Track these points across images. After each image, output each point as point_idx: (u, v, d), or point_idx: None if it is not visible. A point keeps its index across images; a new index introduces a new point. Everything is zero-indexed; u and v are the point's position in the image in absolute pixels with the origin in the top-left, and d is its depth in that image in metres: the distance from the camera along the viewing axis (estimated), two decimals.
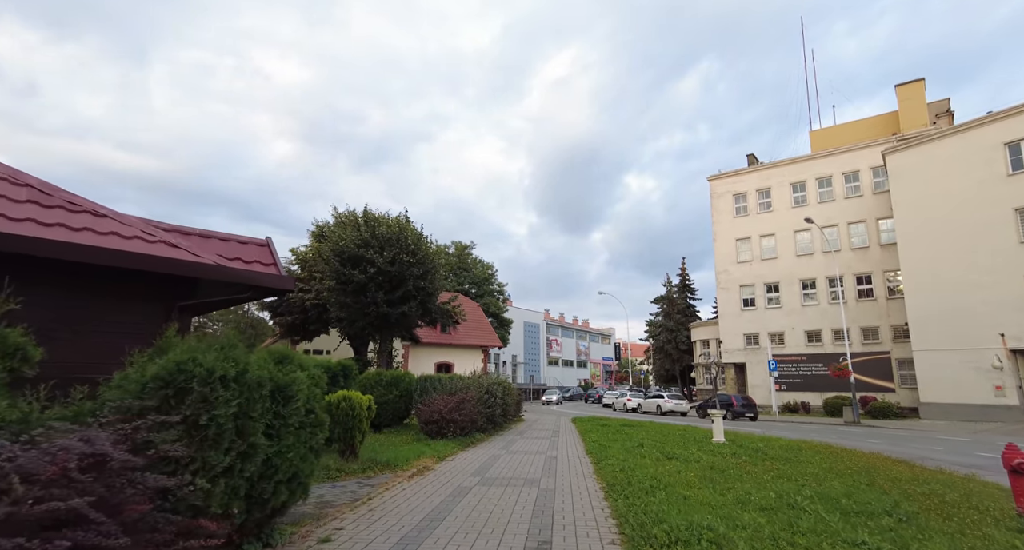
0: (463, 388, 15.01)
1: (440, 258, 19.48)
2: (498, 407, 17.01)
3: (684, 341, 52.92)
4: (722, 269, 44.50)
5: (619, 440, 14.07)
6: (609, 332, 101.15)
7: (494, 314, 56.98)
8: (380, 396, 16.28)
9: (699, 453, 11.45)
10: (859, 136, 40.93)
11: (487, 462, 10.36)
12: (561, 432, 18.55)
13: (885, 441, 18.43)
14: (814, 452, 12.11)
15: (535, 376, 74.87)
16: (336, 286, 17.40)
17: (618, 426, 20.54)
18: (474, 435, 14.62)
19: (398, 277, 17.53)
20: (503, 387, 18.29)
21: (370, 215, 18.13)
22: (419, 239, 18.29)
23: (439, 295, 20.24)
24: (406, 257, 17.44)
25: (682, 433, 17.20)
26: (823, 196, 40.49)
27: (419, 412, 13.00)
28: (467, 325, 43.47)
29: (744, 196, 44.46)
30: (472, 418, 14.09)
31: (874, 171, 38.37)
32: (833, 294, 39.14)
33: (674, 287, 56.62)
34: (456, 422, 12.81)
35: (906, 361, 35.52)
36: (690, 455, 10.94)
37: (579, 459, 10.99)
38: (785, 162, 42.81)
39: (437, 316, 21.37)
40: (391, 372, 16.73)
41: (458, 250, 58.24)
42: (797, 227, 41.14)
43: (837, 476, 8.75)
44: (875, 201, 38.09)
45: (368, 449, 10.59)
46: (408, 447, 11.62)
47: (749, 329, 42.38)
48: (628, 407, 41.53)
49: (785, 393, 38.68)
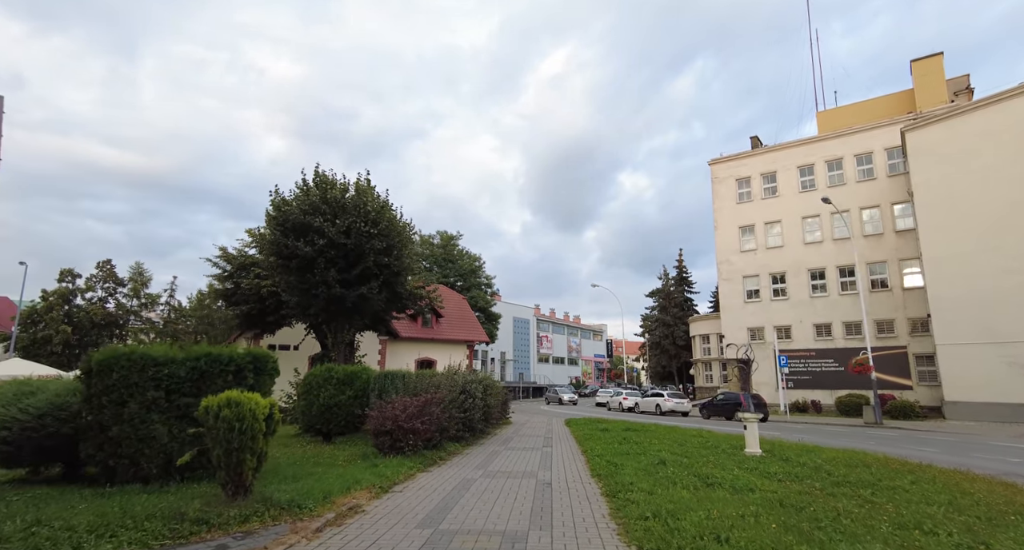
0: (431, 387, 11.86)
1: (410, 233, 16.24)
2: (478, 410, 13.88)
3: (682, 336, 50.08)
4: (724, 258, 41.67)
5: (630, 453, 10.99)
6: (601, 328, 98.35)
7: (482, 309, 53.84)
8: (330, 397, 13.09)
9: (745, 474, 8.39)
10: (871, 116, 38.22)
11: (451, 495, 7.21)
12: (555, 439, 15.44)
13: (937, 448, 15.53)
14: (889, 470, 9.11)
15: (524, 374, 71.80)
16: (277, 262, 14.13)
17: (620, 430, 17.51)
18: (444, 447, 11.48)
19: (355, 251, 14.29)
20: (484, 385, 15.17)
21: (322, 177, 14.85)
22: (382, 207, 15.06)
23: (410, 277, 16.98)
24: (365, 227, 14.20)
25: (701, 441, 14.16)
26: (833, 180, 37.76)
27: (369, 420, 9.82)
28: (451, 319, 40.32)
29: (748, 181, 41.64)
30: (441, 425, 10.94)
31: (889, 152, 35.68)
32: (844, 284, 36.46)
33: (671, 280, 53.80)
34: (418, 432, 9.64)
35: (924, 356, 32.92)
36: (736, 479, 7.88)
37: (583, 486, 7.88)
38: (792, 144, 40.04)
39: (409, 302, 18.13)
40: (345, 368, 13.53)
41: (443, 240, 55.01)
42: (805, 213, 38.41)
43: (961, 513, 5.79)
44: (890, 184, 35.40)
45: (275, 477, 7.45)
46: (342, 470, 8.46)
47: (753, 322, 39.58)
48: (624, 406, 38.60)
49: (792, 391, 35.85)
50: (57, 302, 54.14)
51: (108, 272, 58.79)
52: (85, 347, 51.54)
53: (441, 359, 37.01)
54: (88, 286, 57.08)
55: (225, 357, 7.71)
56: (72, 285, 56.83)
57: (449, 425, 11.45)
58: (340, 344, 16.18)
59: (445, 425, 11.24)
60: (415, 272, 17.69)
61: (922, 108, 35.50)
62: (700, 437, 15.58)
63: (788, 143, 40.29)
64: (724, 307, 41.58)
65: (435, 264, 53.46)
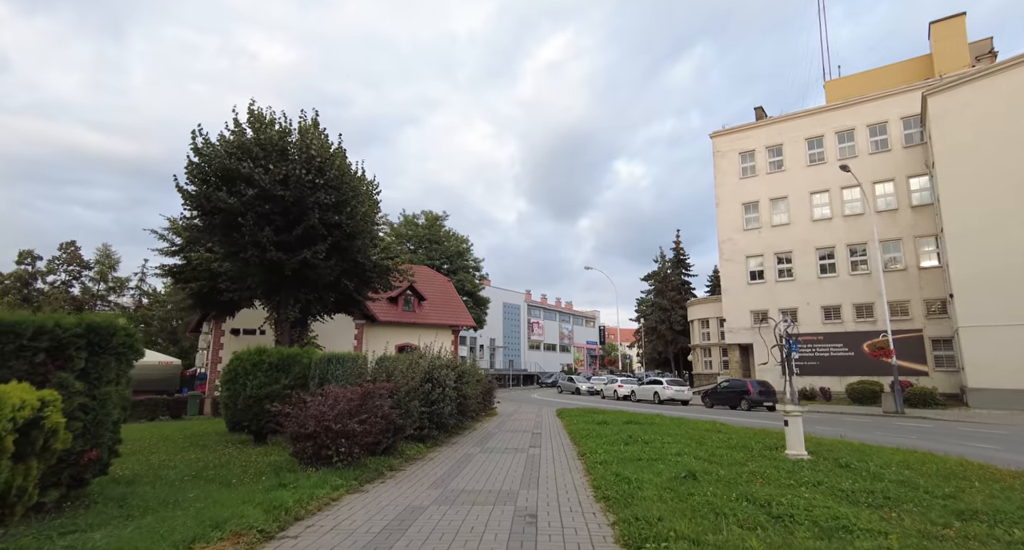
0: (384, 374, 9.17)
1: (370, 189, 13.41)
2: (449, 402, 11.23)
3: (679, 321, 47.70)
4: (726, 237, 39.15)
5: (642, 459, 8.39)
6: (594, 315, 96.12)
7: (469, 293, 51.12)
8: (260, 387, 10.38)
9: (816, 496, 5.81)
10: (885, 85, 35.56)
11: (376, 544, 4.55)
12: (544, 436, 12.84)
13: (996, 445, 13.09)
14: (1003, 486, 6.58)
15: (515, 361, 69.41)
16: (198, 217, 11.27)
17: (621, 423, 14.99)
18: (399, 451, 8.84)
19: (296, 207, 11.50)
20: (459, 373, 12.53)
21: (256, 115, 11.93)
22: (333, 154, 12.20)
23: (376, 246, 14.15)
24: (307, 175, 11.37)
25: (721, 437, 11.62)
26: (844, 152, 35.19)
27: (284, 420, 7.09)
28: (435, 302, 37.61)
29: (752, 154, 39.00)
30: (393, 424, 8.27)
31: (905, 122, 33.13)
32: (855, 264, 34.09)
33: (668, 263, 51.29)
34: (353, 435, 6.95)
35: (941, 340, 30.73)
36: (809, 507, 5.29)
37: (585, 523, 5.24)
38: (800, 114, 37.37)
39: (374, 276, 15.37)
40: (280, 350, 10.81)
41: (428, 221, 52.04)
42: (813, 188, 35.89)
43: None
44: (906, 156, 32.91)
45: (121, 502, 4.83)
46: (232, 493, 5.77)
47: (757, 305, 37.21)
48: (619, 394, 36.24)
49: (798, 378, 33.54)
50: (13, 285, 50.59)
51: (72, 254, 55.32)
52: None
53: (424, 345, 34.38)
54: (50, 269, 53.64)
55: (27, 326, 4.94)
56: (32, 267, 53.27)
57: (406, 423, 8.77)
58: (283, 323, 13.39)
59: (400, 423, 8.56)
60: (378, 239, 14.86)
61: (942, 74, 32.89)
62: (717, 431, 13.06)
63: (795, 113, 37.62)
64: (726, 289, 39.16)
65: (419, 245, 50.58)
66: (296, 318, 13.26)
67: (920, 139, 32.37)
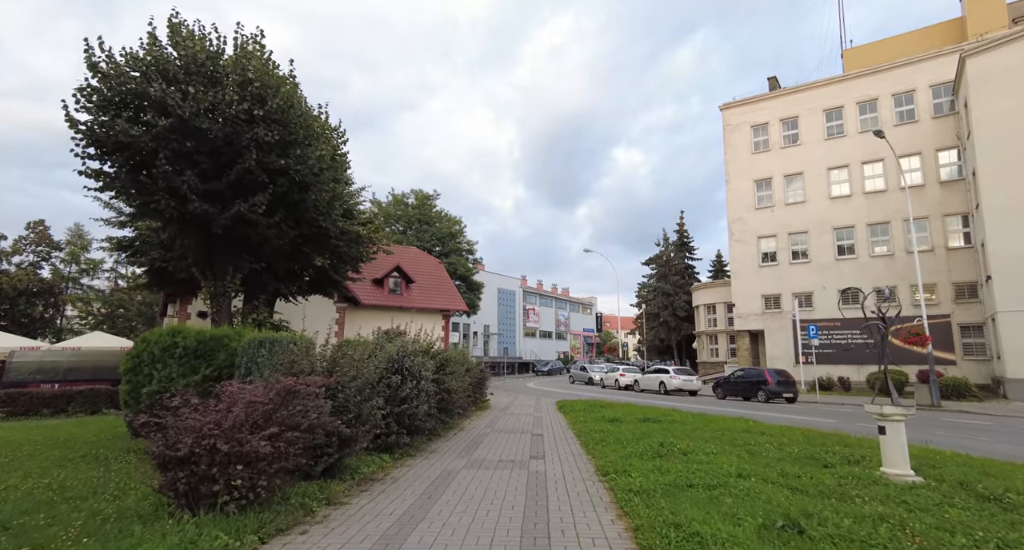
0: (328, 363, 6.54)
1: (328, 132, 10.69)
2: (427, 399, 8.66)
3: (683, 307, 45.31)
4: (736, 217, 36.58)
5: (695, 484, 5.85)
6: (590, 302, 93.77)
7: (462, 277, 48.40)
8: (172, 379, 7.79)
9: None
10: (910, 52, 32.84)
11: None
12: (547, 439, 10.33)
13: None
14: None
15: (510, 348, 67.03)
16: (97, 155, 8.53)
17: (636, 421, 12.53)
18: (346, 474, 6.30)
19: (228, 145, 8.81)
20: (441, 361, 9.97)
21: (174, 27, 9.10)
22: (279, 82, 9.46)
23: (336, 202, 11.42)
24: (243, 104, 8.66)
25: (776, 444, 9.15)
26: (866, 124, 32.53)
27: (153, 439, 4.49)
28: (424, 285, 34.96)
29: (765, 127, 36.30)
30: (337, 436, 5.69)
31: (935, 90, 30.50)
32: (876, 243, 31.66)
33: (671, 245, 48.72)
34: (258, 460, 4.37)
35: (972, 327, 28.46)
36: None
37: None
38: (817, 83, 34.63)
39: (341, 243, 12.68)
40: (202, 331, 8.20)
41: (419, 200, 49.14)
42: (831, 163, 33.32)
43: None
44: (935, 128, 30.33)
45: None
46: None
47: (768, 289, 34.79)
48: (621, 384, 33.86)
49: (812, 366, 31.22)
50: None
51: (41, 234, 52.16)
52: (12, 318, 45.41)
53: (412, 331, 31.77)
54: (16, 249, 50.41)
55: None
56: None
57: (357, 432, 6.18)
58: (220, 298, 10.73)
59: (347, 434, 5.97)
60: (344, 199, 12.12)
61: (975, 36, 30.20)
62: (760, 433, 10.59)
63: (813, 83, 34.87)
64: (735, 272, 36.69)
65: (409, 226, 47.78)
66: (234, 289, 10.58)
67: (951, 109, 29.79)
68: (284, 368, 6.11)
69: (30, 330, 46.07)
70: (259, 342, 7.51)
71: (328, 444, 5.88)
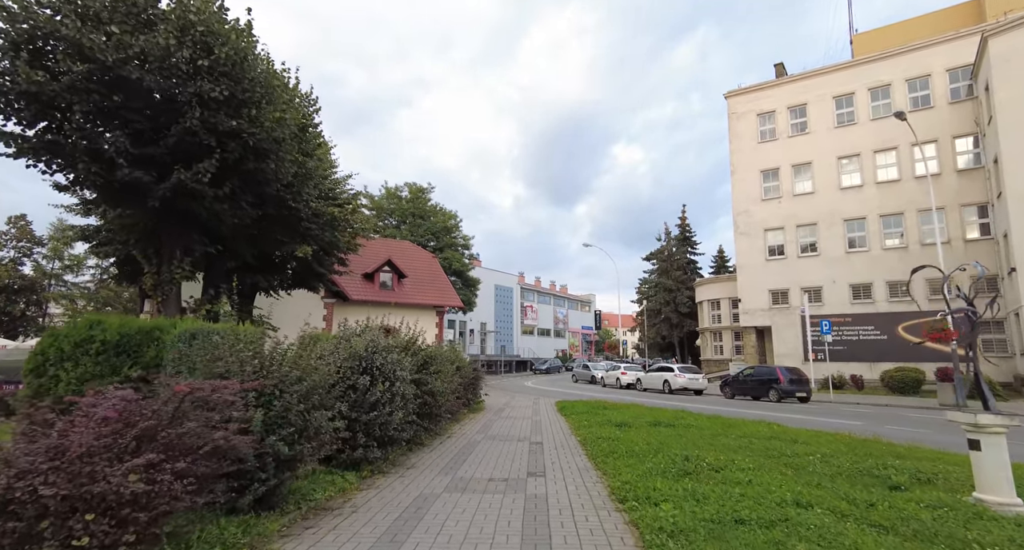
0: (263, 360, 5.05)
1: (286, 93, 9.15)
2: (402, 406, 7.20)
3: (685, 303, 43.92)
4: (742, 209, 35.17)
5: (744, 518, 4.40)
6: (589, 299, 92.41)
7: (458, 272, 46.88)
8: (85, 380, 6.31)
9: None
10: (924, 36, 31.44)
11: None
12: (548, 451, 8.89)
13: None
14: None
15: (507, 346, 65.59)
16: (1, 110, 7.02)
17: (646, 427, 11.11)
18: (291, 501, 4.86)
19: (167, 99, 7.32)
20: (423, 359, 8.53)
21: None
22: (230, 30, 7.96)
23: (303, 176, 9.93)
24: (183, 51, 7.16)
25: (819, 456, 7.75)
26: (878, 111, 31.16)
27: None
28: (417, 279, 33.48)
29: (771, 116, 34.88)
30: (276, 457, 4.24)
31: (952, 74, 29.12)
32: (889, 235, 30.30)
33: (673, 240, 47.30)
34: (121, 507, 2.94)
35: (991, 322, 27.05)
36: None
37: None
38: (827, 69, 33.22)
39: (313, 226, 11.20)
40: (128, 321, 6.75)
41: (412, 193, 47.59)
42: (841, 152, 31.93)
43: None
44: (951, 114, 28.96)
45: None
46: None
47: (776, 284, 33.41)
48: (622, 383, 32.49)
49: (822, 364, 29.83)
50: None
51: (22, 229, 50.49)
52: None
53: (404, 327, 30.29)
54: None
55: None
56: None
57: (300, 452, 4.72)
58: (165, 285, 9.22)
59: (288, 454, 4.52)
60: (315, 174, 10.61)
61: (994, 17, 28.83)
62: (793, 441, 9.18)
63: (822, 68, 33.46)
64: (741, 266, 35.30)
65: (402, 220, 46.28)
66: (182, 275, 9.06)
67: (969, 93, 28.42)
68: (203, 368, 4.65)
69: (11, 328, 44.46)
70: (191, 334, 6.04)
71: (261, 467, 4.43)
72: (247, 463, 4.22)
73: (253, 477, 4.39)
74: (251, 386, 4.32)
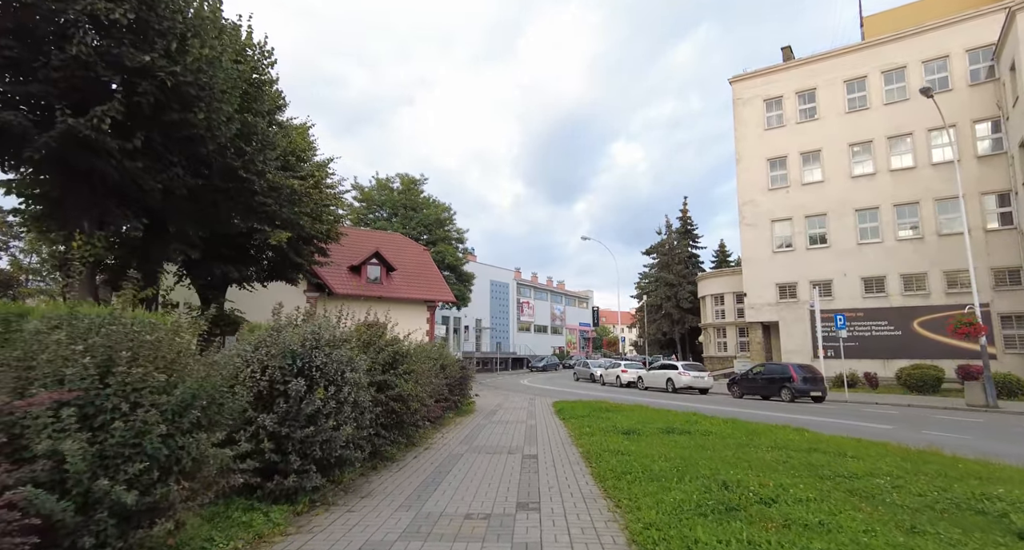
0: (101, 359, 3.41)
1: (215, 19, 7.42)
2: (353, 417, 5.55)
3: (687, 298, 42.38)
4: (747, 199, 33.61)
5: None
6: (587, 295, 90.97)
7: (451, 267, 45.20)
8: None
9: None
10: (940, 15, 29.87)
11: None
12: (545, 470, 7.28)
13: None
14: None
15: (503, 343, 64.02)
16: None
17: (658, 435, 9.56)
18: None
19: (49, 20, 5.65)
20: (388, 356, 6.93)
21: None
22: None
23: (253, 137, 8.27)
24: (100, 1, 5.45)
25: (884, 477, 6.17)
26: (892, 95, 29.63)
27: None
28: (407, 273, 31.82)
29: (779, 101, 33.30)
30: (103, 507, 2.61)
31: (971, 54, 27.58)
32: (903, 226, 28.79)
33: (674, 233, 45.73)
34: None
35: (1014, 316, 25.71)
36: None
37: None
38: (838, 52, 31.63)
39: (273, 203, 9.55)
40: None
41: (404, 184, 45.86)
42: (853, 139, 30.39)
43: None
44: (971, 96, 27.42)
45: None
46: None
47: (783, 277, 31.89)
48: (623, 381, 30.96)
49: (834, 361, 28.29)
50: None
51: None
52: None
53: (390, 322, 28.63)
54: None
55: None
56: None
57: (166, 496, 3.10)
58: (69, 263, 7.58)
59: (129, 505, 2.88)
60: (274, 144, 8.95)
61: None
62: (840, 454, 7.60)
63: (833, 51, 31.86)
64: (747, 259, 33.75)
65: (394, 212, 44.58)
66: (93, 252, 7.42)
67: (990, 75, 26.89)
68: (12, 375, 3.03)
69: None
70: (56, 323, 4.39)
71: (89, 523, 2.80)
72: (61, 522, 2.60)
73: (73, 545, 2.76)
74: (66, 397, 2.69)
